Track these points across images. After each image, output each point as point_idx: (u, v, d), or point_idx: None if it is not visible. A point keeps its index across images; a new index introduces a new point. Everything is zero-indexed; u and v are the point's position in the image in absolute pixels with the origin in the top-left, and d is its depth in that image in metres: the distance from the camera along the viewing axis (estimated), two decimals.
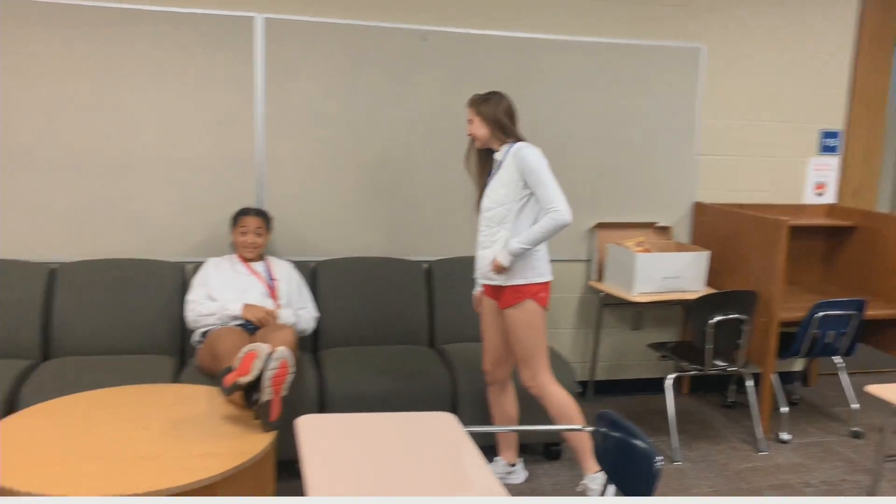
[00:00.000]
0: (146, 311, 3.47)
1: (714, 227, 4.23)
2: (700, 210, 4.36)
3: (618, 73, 4.14)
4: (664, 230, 4.36)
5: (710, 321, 3.58)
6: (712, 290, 3.98)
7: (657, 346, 3.97)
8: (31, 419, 2.50)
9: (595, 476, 2.92)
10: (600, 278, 4.25)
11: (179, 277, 3.58)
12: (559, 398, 2.95)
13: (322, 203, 3.84)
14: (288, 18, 3.67)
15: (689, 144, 4.32)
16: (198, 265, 3.61)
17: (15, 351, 3.33)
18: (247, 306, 3.21)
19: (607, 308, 4.38)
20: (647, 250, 4.00)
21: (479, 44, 3.92)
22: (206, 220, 3.71)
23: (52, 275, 3.49)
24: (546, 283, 2.91)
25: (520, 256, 2.83)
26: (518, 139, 2.90)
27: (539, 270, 2.89)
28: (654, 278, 3.89)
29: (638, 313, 4.44)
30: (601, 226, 4.25)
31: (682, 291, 3.97)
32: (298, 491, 3.09)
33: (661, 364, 4.52)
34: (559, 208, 2.76)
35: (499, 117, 2.88)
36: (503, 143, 2.91)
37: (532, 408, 3.33)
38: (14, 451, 2.26)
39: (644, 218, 4.33)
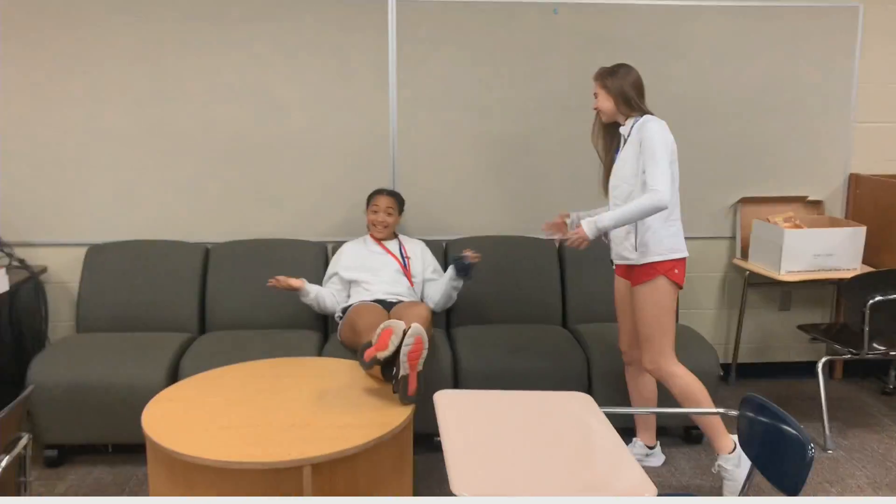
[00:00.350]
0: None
1: (872, 201, 3.91)
2: (856, 182, 4.05)
3: (764, 38, 3.90)
4: (816, 204, 4.08)
5: (869, 301, 3.32)
6: (870, 269, 3.69)
7: (808, 328, 3.74)
8: (191, 388, 2.70)
9: (730, 456, 2.81)
10: (745, 256, 4.05)
11: (322, 256, 3.74)
12: (684, 380, 2.84)
13: (453, 182, 3.88)
14: None
15: (845, 112, 4.01)
16: (337, 245, 3.75)
17: (176, 325, 3.60)
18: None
19: (752, 287, 4.17)
20: (796, 226, 3.76)
21: (612, 14, 3.81)
22: (344, 202, 3.85)
23: (207, 254, 3.74)
24: (680, 259, 2.81)
25: (605, 232, 2.75)
26: (644, 113, 2.79)
27: (672, 246, 2.79)
28: (804, 256, 3.66)
29: (786, 293, 4.20)
30: (746, 200, 4.04)
31: (836, 270, 3.71)
32: (435, 463, 3.17)
33: (812, 347, 4.26)
34: (660, 188, 2.61)
35: (625, 90, 2.78)
36: (629, 117, 2.81)
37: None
38: (178, 418, 2.45)
39: (793, 192, 4.07)
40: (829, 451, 3.32)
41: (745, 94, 3.95)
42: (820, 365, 3.48)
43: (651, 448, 3.16)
